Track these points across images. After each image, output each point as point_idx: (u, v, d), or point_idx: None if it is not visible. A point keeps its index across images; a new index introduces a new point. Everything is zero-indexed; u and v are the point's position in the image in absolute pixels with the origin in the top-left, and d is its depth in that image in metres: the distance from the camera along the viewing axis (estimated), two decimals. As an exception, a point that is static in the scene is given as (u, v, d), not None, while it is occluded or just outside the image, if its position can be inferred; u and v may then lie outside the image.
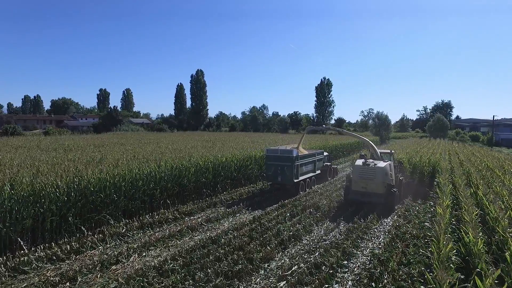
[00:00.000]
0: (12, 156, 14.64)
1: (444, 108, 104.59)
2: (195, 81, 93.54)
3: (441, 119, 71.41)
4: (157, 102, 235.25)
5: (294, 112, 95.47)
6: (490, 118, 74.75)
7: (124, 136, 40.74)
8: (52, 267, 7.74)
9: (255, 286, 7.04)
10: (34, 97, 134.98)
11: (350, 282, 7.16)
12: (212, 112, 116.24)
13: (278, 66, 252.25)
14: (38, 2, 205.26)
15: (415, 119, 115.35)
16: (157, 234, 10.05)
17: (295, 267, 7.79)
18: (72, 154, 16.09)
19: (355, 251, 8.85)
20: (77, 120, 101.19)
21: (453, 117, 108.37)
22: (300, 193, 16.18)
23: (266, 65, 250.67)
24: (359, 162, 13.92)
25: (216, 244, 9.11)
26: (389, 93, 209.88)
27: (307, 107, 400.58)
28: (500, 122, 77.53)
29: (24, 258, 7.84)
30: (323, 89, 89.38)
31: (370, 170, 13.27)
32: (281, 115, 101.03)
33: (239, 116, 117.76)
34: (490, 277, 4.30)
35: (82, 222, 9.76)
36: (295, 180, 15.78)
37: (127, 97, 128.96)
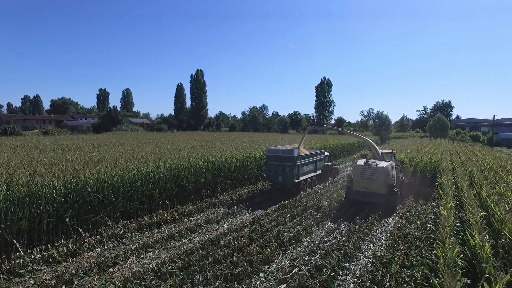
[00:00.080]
0: (10, 157, 14.51)
1: (444, 108, 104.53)
2: (195, 81, 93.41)
3: (441, 119, 71.27)
4: (157, 102, 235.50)
5: (294, 112, 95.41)
6: (490, 118, 74.84)
7: (123, 136, 40.60)
8: (48, 270, 7.59)
9: (255, 289, 6.90)
10: (34, 97, 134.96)
11: (352, 285, 7.01)
12: (212, 112, 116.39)
13: (278, 66, 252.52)
14: (38, 2, 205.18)
15: (415, 119, 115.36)
16: (155, 236, 9.90)
17: (296, 269, 7.64)
18: (70, 154, 15.96)
19: (357, 253, 8.70)
20: (76, 120, 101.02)
21: (453, 117, 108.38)
22: (301, 193, 16.06)
23: (266, 65, 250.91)
24: (361, 162, 13.78)
25: (215, 246, 8.96)
26: (389, 93, 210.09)
27: (307, 107, 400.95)
28: (500, 122, 77.41)
29: (19, 260, 7.69)
30: (323, 89, 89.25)
31: (371, 170, 13.14)
32: (281, 115, 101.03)
33: (239, 116, 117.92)
34: (500, 283, 4.14)
35: (79, 224, 9.61)
36: (296, 180, 15.66)
37: (126, 97, 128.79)
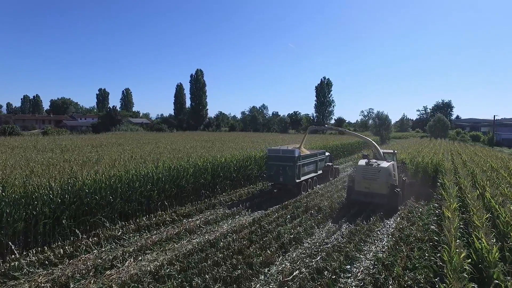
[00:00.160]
0: (7, 157, 14.35)
1: (444, 108, 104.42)
2: (194, 81, 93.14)
3: (441, 119, 71.16)
4: (156, 102, 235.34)
5: (294, 112, 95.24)
6: (490, 118, 74.68)
7: (122, 136, 40.43)
8: (44, 273, 7.44)
9: (255, 293, 6.77)
10: (34, 97, 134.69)
11: (354, 288, 6.87)
12: (211, 112, 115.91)
13: (278, 66, 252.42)
14: (38, 2, 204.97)
15: (415, 119, 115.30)
16: (154, 237, 9.76)
17: (296, 272, 7.50)
18: (69, 155, 15.81)
19: (358, 255, 8.56)
20: (76, 120, 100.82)
21: (453, 117, 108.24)
22: (302, 193, 15.95)
23: (266, 65, 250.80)
24: (362, 162, 13.67)
25: (214, 247, 8.82)
26: (389, 93, 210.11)
27: (307, 107, 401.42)
28: (500, 122, 77.23)
29: (15, 263, 7.56)
30: (323, 89, 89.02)
31: (373, 170, 13.02)
32: (281, 115, 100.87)
33: (238, 116, 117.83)
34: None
35: (77, 225, 9.46)
36: (297, 181, 15.53)
37: (126, 97, 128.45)
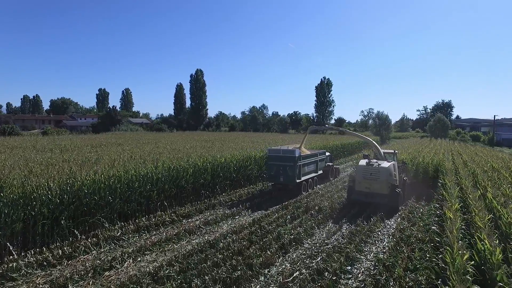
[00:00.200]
0: (6, 157, 14.29)
1: (445, 108, 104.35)
2: (194, 81, 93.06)
3: (442, 119, 71.05)
4: (156, 102, 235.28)
5: (294, 112, 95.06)
6: (490, 118, 74.61)
7: (122, 136, 40.38)
8: (42, 274, 7.38)
9: (254, 294, 6.71)
10: (33, 97, 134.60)
11: (354, 290, 6.82)
12: (211, 112, 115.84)
13: (278, 66, 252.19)
14: (38, 2, 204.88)
15: (415, 119, 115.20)
16: (153, 238, 9.70)
17: (297, 273, 7.44)
18: (68, 155, 15.74)
19: (359, 256, 8.50)
20: (76, 120, 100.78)
21: (453, 117, 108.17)
22: (303, 193, 15.90)
23: (266, 65, 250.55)
24: (363, 162, 13.62)
25: (214, 248, 8.77)
26: (389, 93, 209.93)
27: (307, 107, 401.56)
28: (501, 122, 77.13)
29: (13, 264, 7.49)
30: (323, 89, 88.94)
31: (374, 170, 12.98)
32: (281, 115, 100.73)
33: (238, 116, 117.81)
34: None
35: (75, 226, 9.40)
36: (298, 181, 15.49)
37: (126, 97, 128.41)
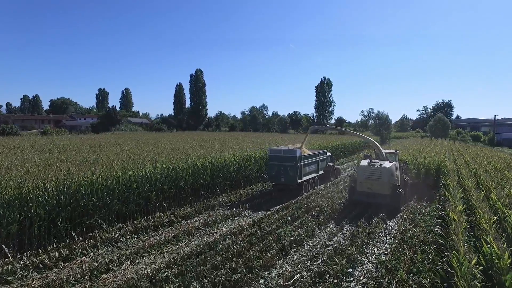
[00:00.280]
0: (3, 157, 14.16)
1: (445, 107, 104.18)
2: (194, 81, 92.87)
3: (442, 119, 70.82)
4: (156, 102, 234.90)
5: (294, 112, 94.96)
6: (491, 118, 74.40)
7: (122, 136, 40.25)
8: (38, 276, 7.24)
9: (254, 298, 6.58)
10: (33, 97, 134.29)
11: (356, 293, 6.68)
12: (211, 112, 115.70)
13: (278, 66, 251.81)
14: (38, 2, 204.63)
15: (415, 119, 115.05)
16: (151, 239, 9.56)
17: (297, 275, 7.30)
18: (66, 155, 15.61)
19: (361, 258, 8.37)
20: (75, 120, 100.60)
21: (453, 116, 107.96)
22: (304, 193, 15.77)
23: (266, 65, 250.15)
24: (364, 162, 13.49)
25: (213, 250, 8.63)
26: (389, 93, 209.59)
27: (307, 107, 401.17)
28: (501, 122, 76.96)
29: (8, 266, 7.35)
30: (323, 89, 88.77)
31: (375, 170, 12.85)
32: (281, 115, 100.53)
33: (238, 116, 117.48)
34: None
35: (73, 227, 9.26)
36: (299, 181, 15.37)
37: (126, 97, 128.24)
